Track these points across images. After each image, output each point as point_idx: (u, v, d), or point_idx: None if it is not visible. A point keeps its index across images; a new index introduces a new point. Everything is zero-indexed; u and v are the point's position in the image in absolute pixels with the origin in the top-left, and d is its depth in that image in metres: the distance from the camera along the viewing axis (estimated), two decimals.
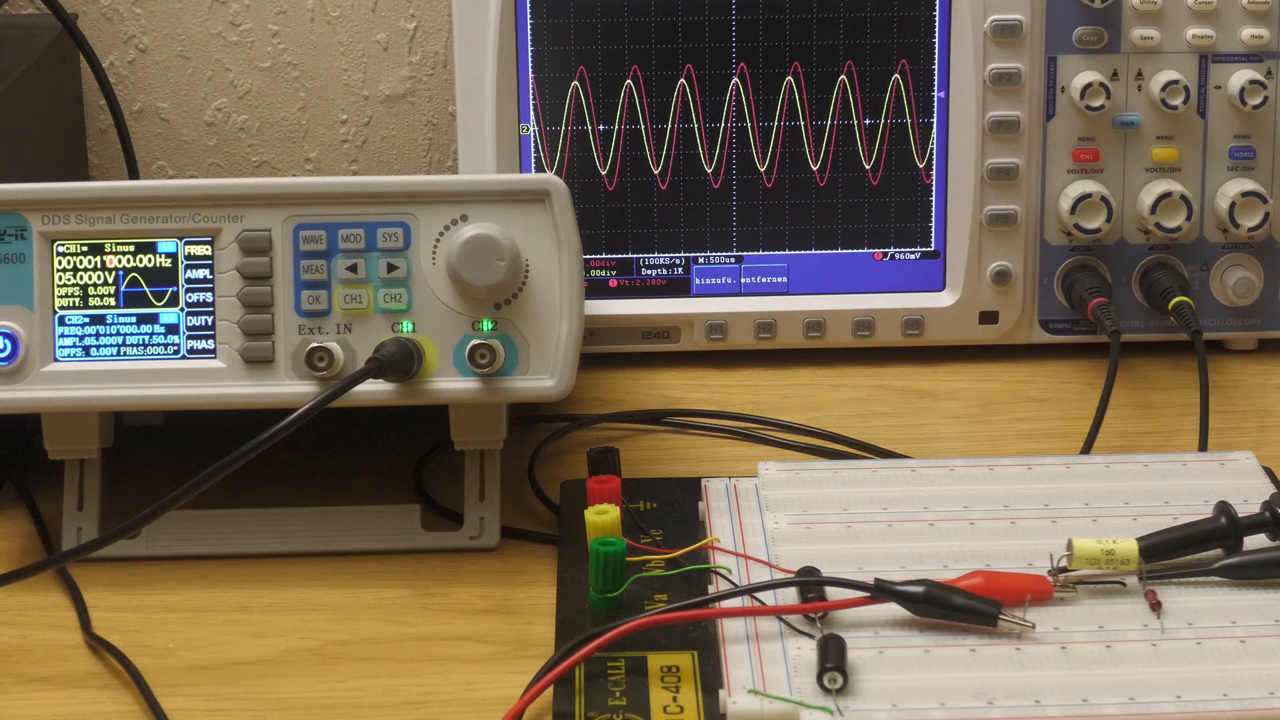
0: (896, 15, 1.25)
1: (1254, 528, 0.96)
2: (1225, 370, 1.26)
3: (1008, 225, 1.25)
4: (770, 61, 1.26)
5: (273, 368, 1.01)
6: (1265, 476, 1.04)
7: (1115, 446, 1.16)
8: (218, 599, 1.01)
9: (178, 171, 1.46)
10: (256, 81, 1.44)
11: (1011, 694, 0.85)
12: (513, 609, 0.99)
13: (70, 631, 0.98)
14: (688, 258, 1.28)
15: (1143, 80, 1.24)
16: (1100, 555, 0.93)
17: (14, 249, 1.01)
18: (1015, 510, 1.01)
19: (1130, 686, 0.86)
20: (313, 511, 1.06)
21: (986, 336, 1.28)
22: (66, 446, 1.05)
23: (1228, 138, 1.25)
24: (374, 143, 1.46)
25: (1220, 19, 1.23)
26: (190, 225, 1.01)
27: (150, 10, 1.43)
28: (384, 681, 0.93)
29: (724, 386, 1.25)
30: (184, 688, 0.93)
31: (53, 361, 1.01)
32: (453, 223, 1.02)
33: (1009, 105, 1.24)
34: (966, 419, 1.21)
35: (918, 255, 1.28)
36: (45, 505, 1.08)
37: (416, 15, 1.43)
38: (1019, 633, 0.90)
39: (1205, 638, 0.90)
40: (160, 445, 1.14)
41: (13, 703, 0.92)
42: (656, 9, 1.25)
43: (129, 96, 1.44)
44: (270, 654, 0.96)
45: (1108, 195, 1.24)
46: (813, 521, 1.00)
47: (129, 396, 1.01)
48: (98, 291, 1.01)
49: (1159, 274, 1.25)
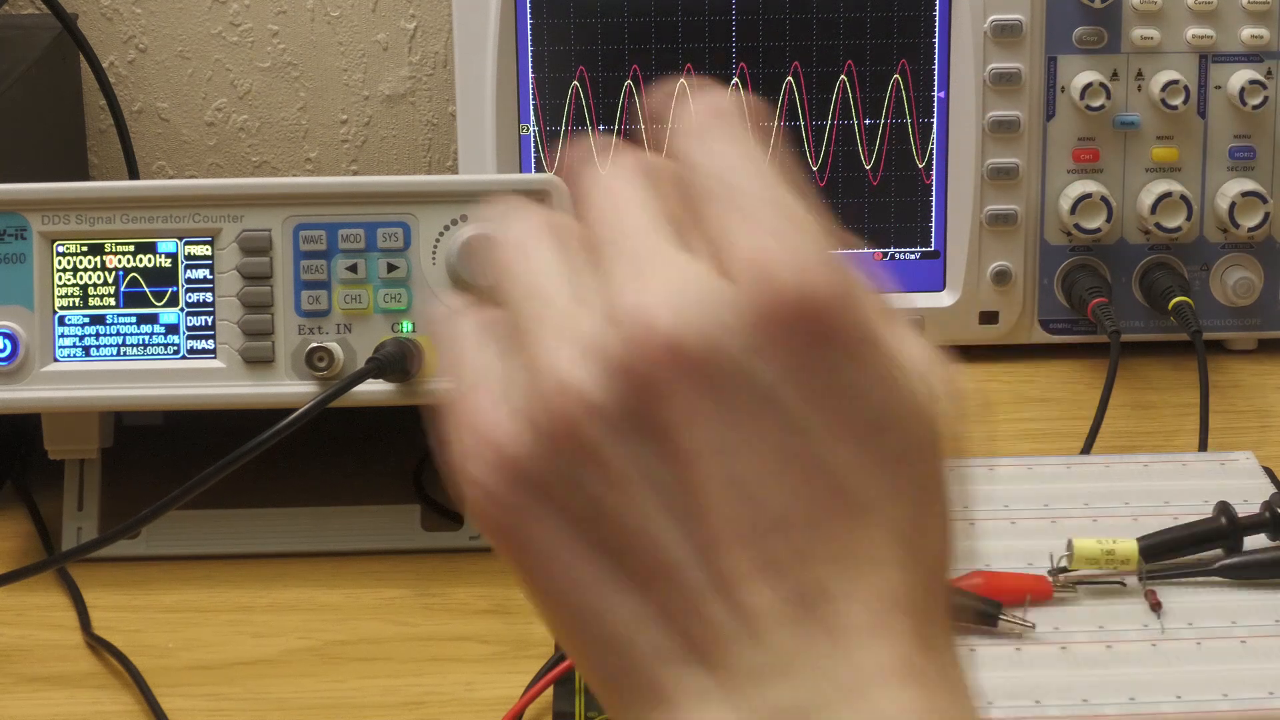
0: (896, 15, 1.25)
1: (1254, 528, 0.96)
2: (1225, 370, 1.26)
3: (1008, 225, 1.25)
4: (770, 61, 1.26)
5: (273, 368, 1.01)
6: (1265, 476, 1.04)
7: (1115, 446, 1.15)
8: (218, 599, 1.01)
9: (178, 171, 1.46)
10: (256, 81, 1.44)
11: (1011, 694, 0.85)
12: (513, 609, 0.99)
13: (70, 631, 0.98)
14: None
15: (1143, 80, 1.24)
16: (1100, 555, 0.93)
17: (14, 249, 1.01)
18: (1015, 510, 1.01)
19: (1130, 686, 0.86)
20: (313, 511, 1.06)
21: (986, 336, 1.28)
22: (66, 446, 1.05)
23: (1228, 138, 1.25)
24: (374, 143, 1.46)
25: (1220, 19, 1.23)
26: (190, 225, 1.01)
27: (150, 10, 1.43)
28: (384, 681, 0.93)
29: None
30: (184, 688, 0.93)
31: (53, 361, 1.01)
32: (453, 223, 1.02)
33: (1009, 105, 1.24)
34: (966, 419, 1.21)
35: (918, 255, 1.28)
36: (45, 505, 1.08)
37: (416, 15, 1.43)
38: (1019, 633, 0.90)
39: (1205, 638, 0.90)
40: (160, 445, 1.14)
41: (13, 703, 0.92)
42: (656, 9, 1.25)
43: (129, 96, 1.44)
44: (270, 654, 0.96)
45: (1108, 195, 1.24)
46: None
47: (129, 396, 1.01)
48: (98, 291, 1.01)
49: (1159, 274, 1.25)
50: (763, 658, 0.52)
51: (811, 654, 0.52)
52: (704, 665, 0.52)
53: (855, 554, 0.52)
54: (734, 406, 0.51)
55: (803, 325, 0.52)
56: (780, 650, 0.52)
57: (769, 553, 0.52)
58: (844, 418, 0.52)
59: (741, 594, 0.52)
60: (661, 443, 0.51)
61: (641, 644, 0.53)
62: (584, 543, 0.53)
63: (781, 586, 0.52)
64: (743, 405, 0.52)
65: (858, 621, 0.52)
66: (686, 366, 0.51)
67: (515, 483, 0.54)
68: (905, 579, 0.53)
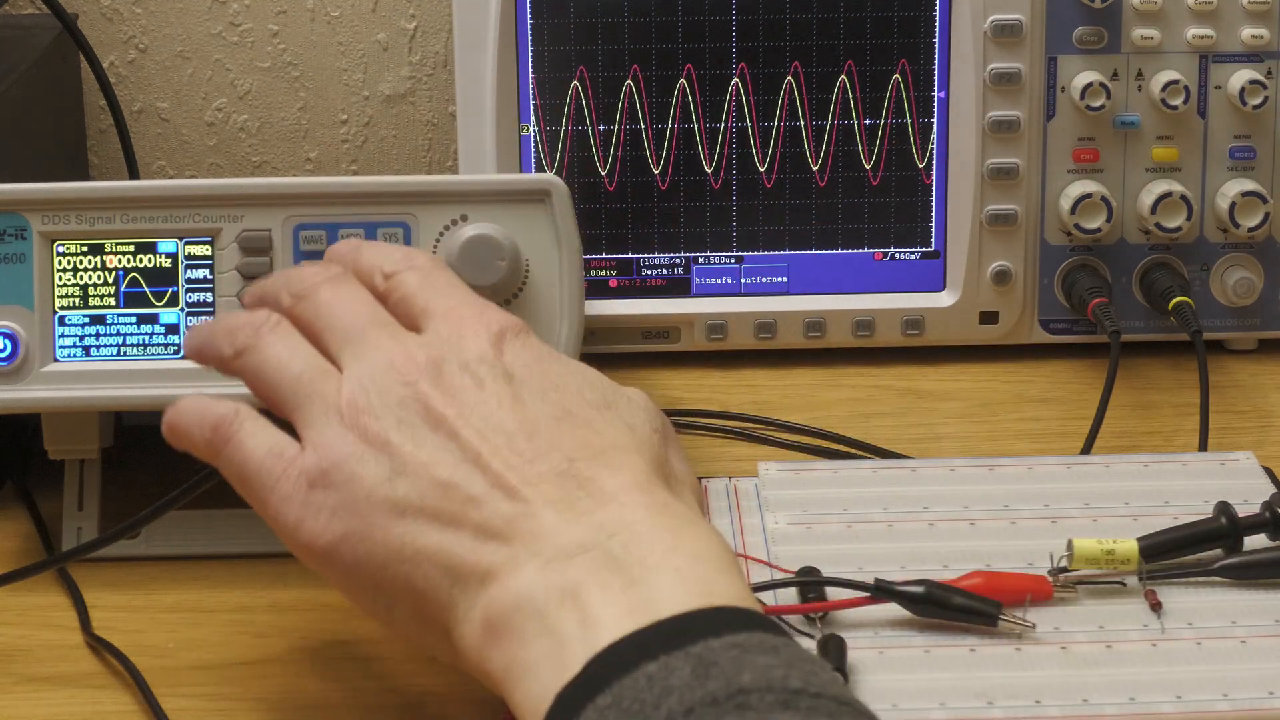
0: (896, 15, 1.25)
1: (1254, 528, 0.96)
2: (1225, 370, 1.26)
3: (1008, 225, 1.25)
4: (770, 61, 1.26)
5: None
6: (1265, 476, 1.04)
7: (1115, 446, 1.15)
8: (218, 599, 1.01)
9: (178, 171, 1.46)
10: (256, 81, 1.44)
11: (1011, 694, 0.85)
12: None
13: (70, 631, 0.98)
14: (688, 258, 1.28)
15: (1143, 80, 1.24)
16: (1100, 555, 0.93)
17: (14, 249, 1.01)
18: (1015, 510, 1.01)
19: (1130, 686, 0.86)
20: None
21: (986, 336, 1.28)
22: (66, 446, 1.05)
23: (1228, 138, 1.25)
24: (374, 143, 1.46)
25: (1220, 19, 1.23)
26: (190, 225, 1.01)
27: (150, 10, 1.43)
28: (384, 681, 0.93)
29: (724, 386, 1.25)
30: (184, 688, 0.93)
31: (53, 361, 1.01)
32: (453, 223, 1.02)
33: (1009, 105, 1.24)
34: (966, 419, 1.21)
35: (918, 255, 1.28)
36: (45, 505, 1.08)
37: (416, 15, 1.43)
38: (1019, 633, 0.90)
39: (1205, 638, 0.90)
40: (160, 445, 1.14)
41: (13, 703, 0.92)
42: (656, 9, 1.25)
43: (129, 96, 1.44)
44: (270, 654, 0.96)
45: (1108, 195, 1.24)
46: (813, 522, 1.00)
47: (129, 396, 1.01)
48: (98, 291, 1.02)
49: (1159, 274, 1.25)
50: (548, 521, 0.76)
51: (581, 513, 0.76)
52: (506, 541, 0.76)
53: (602, 455, 0.79)
54: (472, 383, 0.81)
55: (513, 337, 0.84)
56: (559, 514, 0.76)
57: (525, 457, 0.78)
58: (554, 380, 0.82)
59: (519, 490, 0.77)
60: (429, 418, 0.80)
61: (459, 550, 0.77)
62: (390, 504, 0.79)
63: (547, 481, 0.77)
64: (477, 381, 0.81)
65: (609, 490, 0.77)
66: (437, 370, 0.82)
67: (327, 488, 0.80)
68: (641, 467, 0.79)
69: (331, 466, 0.80)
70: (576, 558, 0.74)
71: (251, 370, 0.86)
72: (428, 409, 0.80)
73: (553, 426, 0.80)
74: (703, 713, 0.66)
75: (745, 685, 0.67)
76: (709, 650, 0.68)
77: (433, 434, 0.80)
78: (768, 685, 0.67)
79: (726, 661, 0.68)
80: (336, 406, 0.81)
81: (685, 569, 0.73)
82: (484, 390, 0.81)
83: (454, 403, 0.80)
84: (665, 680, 0.68)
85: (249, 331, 0.86)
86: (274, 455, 0.83)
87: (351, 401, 0.81)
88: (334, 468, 0.80)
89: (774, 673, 0.68)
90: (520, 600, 0.74)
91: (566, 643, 0.71)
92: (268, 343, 0.86)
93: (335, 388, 0.82)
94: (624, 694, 0.68)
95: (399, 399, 0.81)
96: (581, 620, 0.72)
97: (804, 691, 0.67)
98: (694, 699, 0.66)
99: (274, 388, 0.85)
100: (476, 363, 0.82)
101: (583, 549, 0.74)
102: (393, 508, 0.79)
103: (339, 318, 0.86)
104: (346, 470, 0.80)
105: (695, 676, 0.67)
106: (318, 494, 0.80)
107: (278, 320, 0.86)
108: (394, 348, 0.83)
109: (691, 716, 0.66)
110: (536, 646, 0.72)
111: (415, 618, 0.79)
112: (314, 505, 0.81)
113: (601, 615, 0.71)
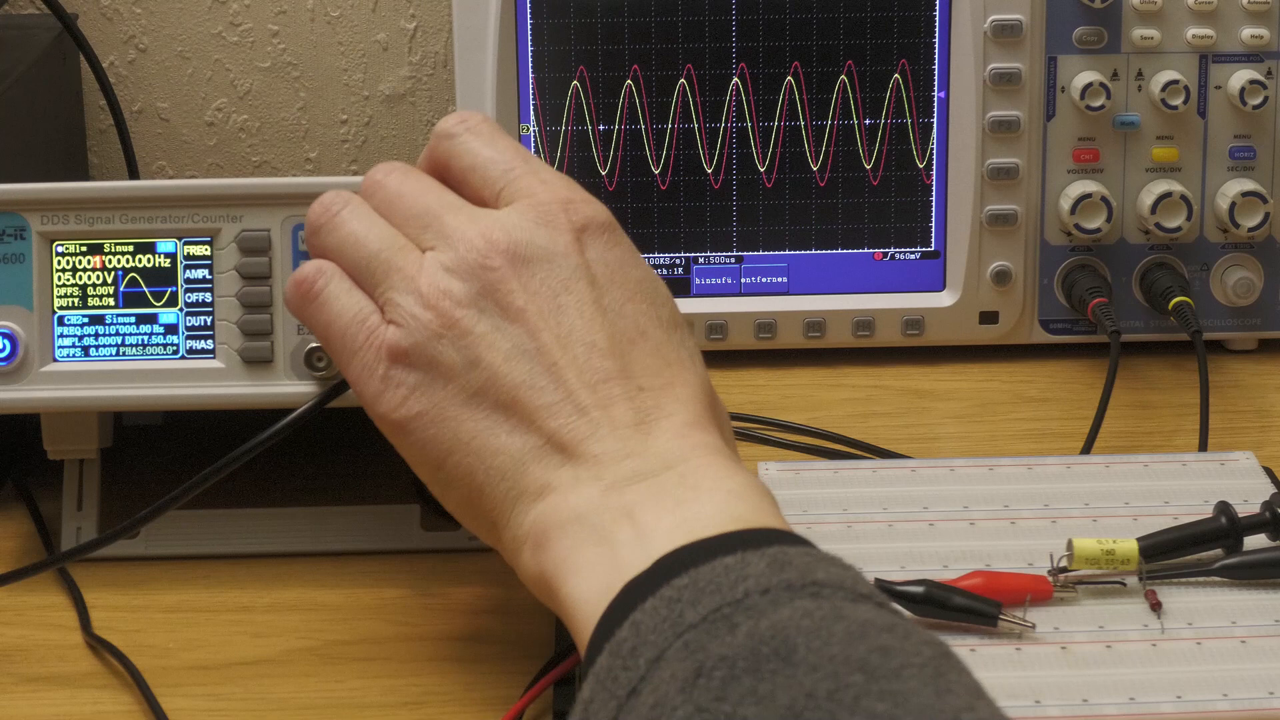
0: (896, 15, 1.25)
1: (1254, 528, 0.96)
2: (1225, 370, 1.26)
3: (1008, 225, 1.25)
4: (770, 61, 1.26)
5: (272, 368, 1.01)
6: (1265, 476, 1.04)
7: (1115, 446, 1.16)
8: (218, 599, 1.01)
9: (178, 171, 1.46)
10: (256, 81, 1.44)
11: (1011, 694, 0.85)
12: (513, 609, 0.99)
13: (70, 631, 0.98)
14: (688, 258, 1.28)
15: (1143, 80, 1.24)
16: (1100, 555, 0.93)
17: (13, 249, 1.01)
18: (1015, 510, 1.01)
19: (1130, 686, 0.86)
20: (313, 511, 1.06)
21: (986, 336, 1.28)
22: (66, 446, 1.05)
23: (1228, 138, 1.25)
24: (374, 143, 1.46)
25: (1220, 19, 1.23)
26: (189, 225, 1.01)
27: (150, 10, 1.43)
28: (384, 681, 0.93)
29: (724, 386, 1.25)
30: (184, 688, 0.93)
31: (52, 361, 1.01)
32: None
33: (1009, 105, 1.24)
34: (966, 419, 1.21)
35: (918, 255, 1.28)
36: (45, 505, 1.08)
37: (416, 15, 1.43)
38: (1019, 633, 0.90)
39: (1205, 638, 0.90)
40: (160, 445, 1.14)
41: (13, 703, 0.92)
42: (656, 9, 1.25)
43: (129, 96, 1.44)
44: (270, 654, 0.96)
45: (1108, 195, 1.24)
46: (813, 521, 1.00)
47: (129, 396, 1.01)
48: (97, 291, 1.01)
49: (1159, 274, 1.25)
50: (612, 447, 0.78)
51: (646, 441, 0.78)
52: (570, 459, 0.78)
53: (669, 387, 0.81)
54: (554, 281, 0.81)
55: (597, 233, 0.83)
56: (624, 442, 0.78)
57: (600, 375, 0.79)
58: (634, 290, 0.83)
59: (589, 410, 0.79)
60: (509, 311, 0.81)
61: (522, 456, 0.79)
62: (465, 395, 0.80)
63: (616, 404, 0.79)
64: (560, 280, 0.81)
65: (672, 425, 0.79)
66: (519, 261, 0.81)
67: (407, 368, 0.82)
68: (699, 403, 0.81)
69: (412, 347, 0.82)
70: (635, 484, 0.77)
71: (333, 248, 0.87)
72: (508, 302, 0.81)
73: (628, 347, 0.81)
74: (778, 595, 0.68)
75: (820, 580, 0.69)
76: (783, 552, 0.71)
77: (511, 327, 0.81)
78: (839, 584, 0.70)
79: (799, 561, 0.71)
80: (416, 286, 0.82)
81: (741, 496, 0.76)
82: (567, 293, 0.81)
83: (535, 299, 0.81)
84: (741, 569, 0.70)
85: (319, 210, 0.88)
86: (358, 321, 0.84)
87: (432, 283, 0.82)
88: (414, 349, 0.82)
89: (845, 577, 0.71)
90: (577, 516, 0.77)
91: (620, 549, 0.74)
92: (343, 219, 0.87)
93: (416, 265, 0.83)
94: (700, 577, 0.70)
95: (480, 288, 0.81)
96: (638, 534, 0.74)
97: (872, 598, 0.70)
98: (770, 583, 0.69)
99: (353, 263, 0.86)
100: (561, 257, 0.82)
101: (640, 477, 0.77)
102: (468, 400, 0.81)
103: (411, 204, 0.86)
104: (427, 353, 0.82)
105: (770, 569, 0.70)
106: (397, 371, 0.83)
107: (349, 198, 0.88)
108: (472, 232, 0.83)
109: (768, 595, 0.68)
110: (590, 553, 0.75)
111: (467, 504, 0.82)
112: (393, 381, 0.83)
113: (657, 529, 0.74)
